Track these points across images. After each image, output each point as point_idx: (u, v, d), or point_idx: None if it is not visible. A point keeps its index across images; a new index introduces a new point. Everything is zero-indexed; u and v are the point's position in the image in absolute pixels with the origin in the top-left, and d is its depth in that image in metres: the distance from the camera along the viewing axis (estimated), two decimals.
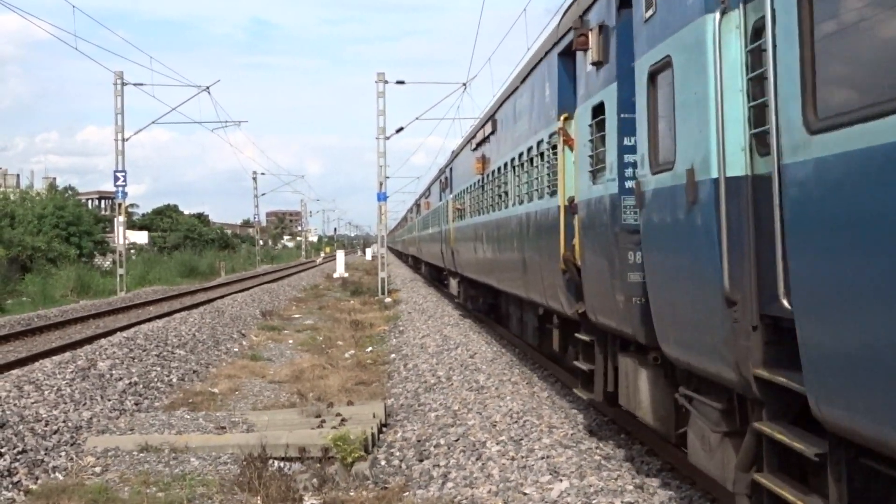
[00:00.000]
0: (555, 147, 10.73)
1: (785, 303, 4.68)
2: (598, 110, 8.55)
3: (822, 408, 4.35)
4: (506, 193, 15.12)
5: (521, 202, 13.55)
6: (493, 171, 16.82)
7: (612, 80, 8.08)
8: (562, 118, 10.30)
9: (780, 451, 5.16)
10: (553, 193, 10.84)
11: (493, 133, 17.19)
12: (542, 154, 11.73)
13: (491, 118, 17.27)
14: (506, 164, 15.12)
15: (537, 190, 12.06)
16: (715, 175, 5.33)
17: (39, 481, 8.87)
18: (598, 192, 8.52)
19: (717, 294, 5.38)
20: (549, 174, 11.18)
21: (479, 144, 19.25)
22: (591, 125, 8.79)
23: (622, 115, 7.87)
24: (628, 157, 7.83)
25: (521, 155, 13.54)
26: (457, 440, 9.76)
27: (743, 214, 5.22)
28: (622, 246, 7.85)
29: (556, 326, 12.19)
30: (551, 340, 12.79)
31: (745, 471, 5.52)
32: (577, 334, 10.15)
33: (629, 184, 7.73)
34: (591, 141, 8.82)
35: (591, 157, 8.84)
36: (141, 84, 36.85)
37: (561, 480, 7.55)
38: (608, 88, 8.21)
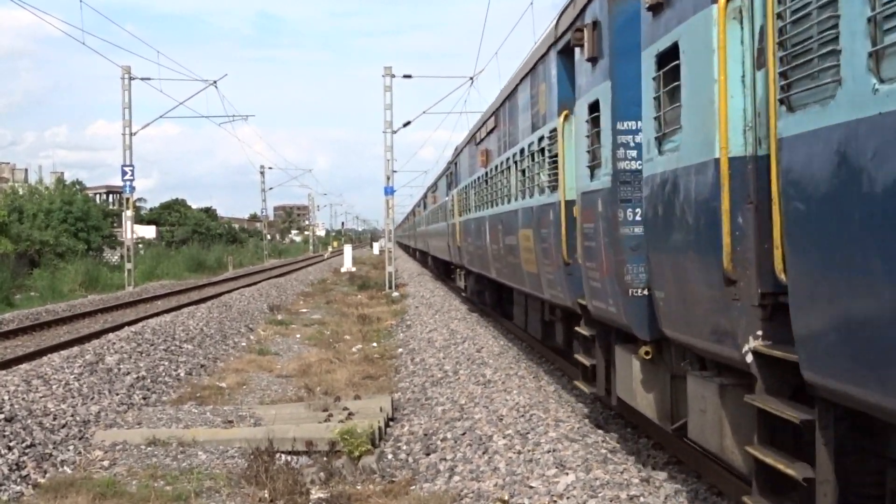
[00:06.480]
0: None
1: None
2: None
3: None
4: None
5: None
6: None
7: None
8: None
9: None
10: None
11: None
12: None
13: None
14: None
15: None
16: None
17: (48, 475, 8.92)
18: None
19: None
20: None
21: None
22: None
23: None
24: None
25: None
26: (463, 434, 9.78)
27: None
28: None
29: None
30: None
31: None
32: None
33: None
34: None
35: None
36: (148, 78, 36.84)
37: (567, 474, 7.56)
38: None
